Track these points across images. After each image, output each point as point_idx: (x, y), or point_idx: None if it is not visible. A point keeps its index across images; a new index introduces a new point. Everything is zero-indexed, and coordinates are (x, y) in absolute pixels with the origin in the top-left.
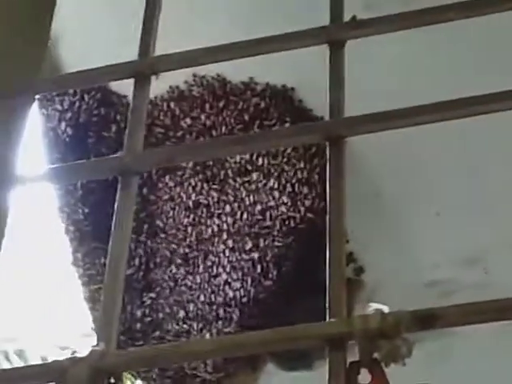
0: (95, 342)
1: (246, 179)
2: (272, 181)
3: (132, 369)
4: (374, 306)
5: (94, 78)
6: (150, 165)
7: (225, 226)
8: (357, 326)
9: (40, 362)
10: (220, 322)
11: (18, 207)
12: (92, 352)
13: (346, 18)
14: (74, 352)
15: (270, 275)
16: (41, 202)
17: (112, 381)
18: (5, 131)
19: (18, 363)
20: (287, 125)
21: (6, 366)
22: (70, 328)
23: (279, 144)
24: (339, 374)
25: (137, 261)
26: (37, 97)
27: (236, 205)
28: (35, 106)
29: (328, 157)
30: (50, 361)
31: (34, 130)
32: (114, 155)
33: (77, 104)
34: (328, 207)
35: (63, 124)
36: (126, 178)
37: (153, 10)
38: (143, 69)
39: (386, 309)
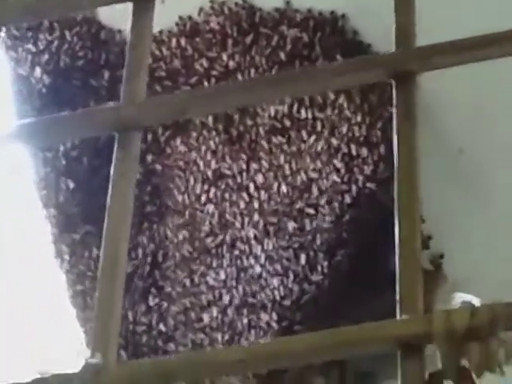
0: (89, 355)
1: (283, 139)
2: (319, 141)
3: None
4: (461, 297)
5: (76, 3)
6: (157, 118)
7: (256, 204)
8: (438, 325)
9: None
10: (253, 332)
11: None
12: (86, 366)
13: None
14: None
15: (319, 268)
16: (10, 177)
17: None
18: None
19: None
20: None
21: None
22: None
23: (330, 85)
24: None
25: (140, 252)
26: (1, 35)
27: (271, 174)
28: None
29: (395, 99)
30: (31, 380)
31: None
32: (109, 105)
33: (55, 43)
34: (396, 166)
35: (38, 70)
36: (124, 134)
37: None
38: None
39: (476, 301)
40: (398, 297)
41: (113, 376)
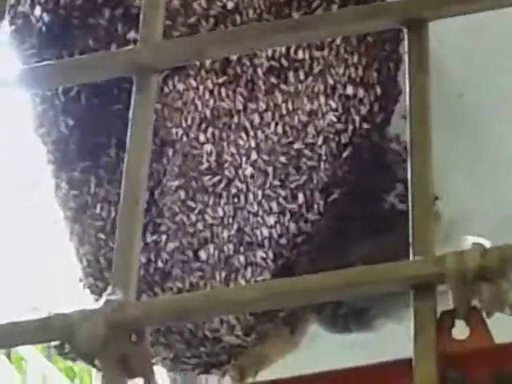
0: (109, 290)
1: (280, 79)
2: (316, 81)
3: (158, 323)
4: (471, 239)
5: None
6: (174, 60)
7: (253, 143)
8: (450, 265)
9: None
10: (249, 269)
11: None
12: (107, 302)
13: None
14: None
15: (316, 206)
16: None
17: (133, 339)
18: None
19: None
20: (335, 7)
21: None
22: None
23: (342, 31)
24: (428, 328)
25: None
26: None
27: (269, 114)
28: None
29: (407, 46)
30: (53, 314)
31: None
32: (127, 48)
33: None
34: (408, 112)
35: (38, 8)
36: (142, 77)
37: None
38: None
39: (486, 243)
40: (410, 238)
41: (134, 312)
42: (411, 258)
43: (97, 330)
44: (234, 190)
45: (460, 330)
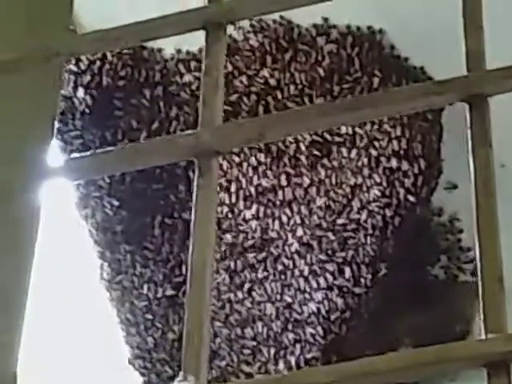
0: (181, 376)
1: (323, 154)
2: (359, 155)
3: None
4: None
5: (151, 32)
6: (235, 143)
7: (298, 219)
8: None
9: None
10: (298, 346)
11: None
12: None
13: None
14: None
15: (363, 281)
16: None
17: None
18: (34, 105)
19: None
20: (376, 80)
21: None
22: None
23: (403, 109)
24: None
25: (183, 268)
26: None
27: (313, 189)
28: None
29: (469, 122)
30: None
31: None
32: (189, 131)
33: (97, 64)
34: (473, 186)
35: (81, 90)
36: (204, 160)
37: None
38: (217, 17)
39: None
40: (481, 315)
41: None
42: (483, 335)
43: None
44: (280, 267)
45: None
